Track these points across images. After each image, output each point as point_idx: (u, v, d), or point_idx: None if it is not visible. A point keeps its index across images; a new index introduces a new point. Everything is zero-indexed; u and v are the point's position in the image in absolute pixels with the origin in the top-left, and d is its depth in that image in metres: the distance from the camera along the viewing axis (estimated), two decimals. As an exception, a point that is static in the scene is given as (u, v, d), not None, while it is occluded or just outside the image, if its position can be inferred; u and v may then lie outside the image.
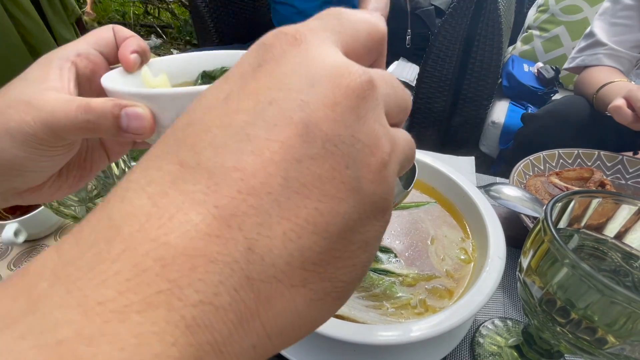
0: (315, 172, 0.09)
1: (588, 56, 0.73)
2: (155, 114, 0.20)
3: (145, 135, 0.20)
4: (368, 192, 0.10)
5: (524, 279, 0.26)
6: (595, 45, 0.72)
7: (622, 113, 0.50)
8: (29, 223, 0.44)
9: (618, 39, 0.69)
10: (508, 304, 0.40)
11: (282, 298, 0.09)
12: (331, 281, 0.10)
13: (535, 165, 0.52)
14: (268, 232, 0.09)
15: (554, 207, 0.24)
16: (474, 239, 0.38)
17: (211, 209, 0.09)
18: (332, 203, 0.10)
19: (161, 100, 0.20)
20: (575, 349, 0.24)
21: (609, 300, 0.20)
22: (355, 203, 0.10)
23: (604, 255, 0.28)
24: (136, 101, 0.20)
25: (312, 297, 0.10)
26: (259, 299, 0.09)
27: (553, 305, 0.24)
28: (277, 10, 1.17)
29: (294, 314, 0.10)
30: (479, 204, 0.38)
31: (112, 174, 0.37)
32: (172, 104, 0.20)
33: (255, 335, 0.09)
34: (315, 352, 0.32)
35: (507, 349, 0.34)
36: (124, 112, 0.19)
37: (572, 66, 0.77)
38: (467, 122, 1.09)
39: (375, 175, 0.10)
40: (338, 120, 0.10)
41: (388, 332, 0.27)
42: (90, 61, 0.22)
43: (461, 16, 0.95)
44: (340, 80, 0.10)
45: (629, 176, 0.51)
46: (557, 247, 0.22)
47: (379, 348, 0.32)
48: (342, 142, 0.10)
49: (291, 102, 0.10)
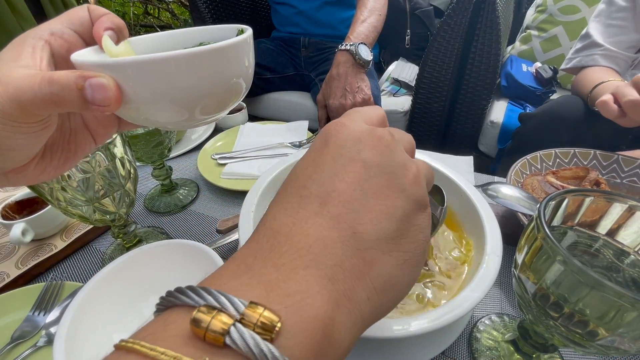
0: (378, 184, 0.17)
1: (584, 57, 0.74)
2: (120, 85, 0.20)
3: (111, 106, 0.19)
4: (411, 191, 0.17)
5: (518, 274, 0.27)
6: (591, 46, 0.73)
7: (608, 108, 0.51)
8: (36, 223, 0.45)
9: (613, 39, 0.70)
10: (505, 300, 0.41)
11: (379, 262, 0.16)
12: (406, 252, 0.16)
13: (532, 165, 0.53)
14: (361, 221, 0.16)
15: (548, 206, 0.25)
16: (471, 237, 0.39)
17: (326, 214, 0.16)
18: (392, 199, 0.16)
19: (122, 69, 0.19)
20: (568, 341, 0.25)
21: (600, 295, 0.21)
22: (405, 198, 0.17)
23: (597, 252, 0.29)
24: (100, 72, 0.19)
25: (396, 262, 0.16)
26: (365, 263, 0.15)
27: (546, 300, 0.25)
28: (277, 10, 1.17)
29: (389, 274, 0.16)
30: (476, 202, 0.39)
31: (118, 174, 0.38)
32: (133, 72, 0.19)
33: (367, 289, 0.15)
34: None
35: (503, 343, 0.35)
36: (88, 83, 0.19)
37: (569, 67, 0.78)
38: (466, 121, 1.10)
39: (412, 181, 0.17)
40: (380, 154, 0.17)
41: (387, 326, 0.28)
42: (65, 40, 0.22)
43: (460, 16, 0.96)
44: (374, 134, 0.18)
45: (624, 175, 0.52)
46: (549, 244, 0.22)
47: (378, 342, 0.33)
48: (387, 166, 0.17)
49: (352, 151, 0.17)
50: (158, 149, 0.50)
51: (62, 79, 0.18)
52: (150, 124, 0.24)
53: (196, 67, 0.20)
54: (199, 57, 0.20)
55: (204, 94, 0.21)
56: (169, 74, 0.20)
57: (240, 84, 0.24)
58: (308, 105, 1.17)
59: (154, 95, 0.20)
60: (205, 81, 0.21)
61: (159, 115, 0.22)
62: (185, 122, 0.23)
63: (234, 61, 0.22)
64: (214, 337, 0.11)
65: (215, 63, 0.21)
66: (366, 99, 0.81)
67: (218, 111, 0.24)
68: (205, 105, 0.22)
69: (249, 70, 0.24)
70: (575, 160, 0.54)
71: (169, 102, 0.21)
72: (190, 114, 0.22)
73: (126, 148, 0.38)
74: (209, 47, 0.20)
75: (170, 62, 0.19)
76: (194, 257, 0.37)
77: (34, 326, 0.37)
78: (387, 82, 1.22)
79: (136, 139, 0.48)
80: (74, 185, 0.34)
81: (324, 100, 0.86)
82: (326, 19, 1.10)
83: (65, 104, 0.19)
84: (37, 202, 0.49)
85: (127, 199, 0.40)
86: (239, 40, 0.22)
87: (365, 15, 0.88)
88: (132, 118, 0.23)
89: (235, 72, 0.23)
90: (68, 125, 0.25)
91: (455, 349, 0.36)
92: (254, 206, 0.39)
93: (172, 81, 0.20)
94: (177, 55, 0.19)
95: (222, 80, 0.22)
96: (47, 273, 0.45)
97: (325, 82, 0.86)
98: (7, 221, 0.44)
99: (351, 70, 0.82)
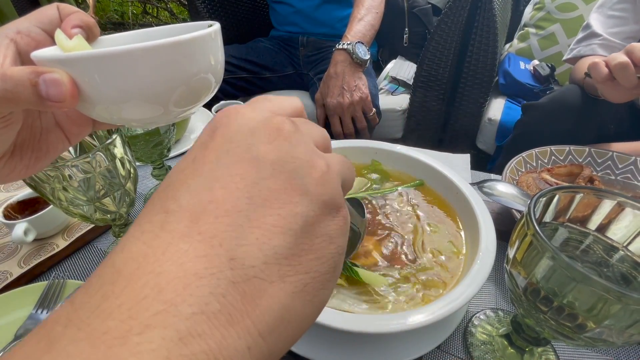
0: (271, 187, 0.12)
1: (584, 47, 0.75)
2: (76, 80, 0.19)
3: (67, 102, 0.19)
4: (316, 193, 0.13)
5: (510, 270, 0.27)
6: (590, 37, 0.74)
7: (598, 68, 0.52)
8: (38, 222, 0.46)
9: (613, 30, 0.71)
10: (499, 296, 0.41)
11: (266, 294, 0.11)
12: (307, 273, 0.12)
13: (527, 162, 0.53)
14: (244, 241, 0.11)
15: (538, 202, 0.26)
16: (466, 233, 0.40)
17: (195, 237, 0.11)
18: (290, 206, 0.12)
19: (73, 64, 0.19)
20: (558, 334, 0.25)
21: (587, 289, 0.22)
22: (308, 203, 0.13)
23: (587, 248, 0.29)
24: (55, 67, 0.19)
25: (293, 289, 0.12)
26: (245, 299, 0.11)
27: (537, 294, 0.25)
28: (275, 9, 1.17)
29: (281, 308, 0.11)
30: (471, 199, 0.39)
31: (118, 174, 0.38)
32: (86, 67, 0.19)
33: (248, 335, 0.10)
34: (312, 342, 0.34)
35: (498, 337, 0.36)
36: (42, 79, 0.18)
37: (570, 57, 0.79)
38: (464, 119, 1.11)
39: (319, 180, 0.13)
40: (277, 149, 0.13)
41: (384, 321, 0.28)
42: (32, 39, 0.22)
43: (457, 15, 0.96)
44: (271, 124, 0.14)
45: (619, 172, 0.53)
46: (539, 240, 0.23)
47: (374, 337, 0.34)
48: (286, 162, 0.13)
49: (241, 147, 0.13)
50: (157, 149, 0.51)
51: (15, 75, 0.18)
52: (117, 122, 0.23)
53: (147, 61, 0.19)
54: (148, 51, 0.19)
55: (163, 89, 0.21)
56: (118, 68, 0.19)
57: (202, 80, 0.23)
58: (307, 104, 1.18)
59: (108, 90, 0.20)
60: (161, 76, 0.20)
61: (120, 111, 0.21)
62: (150, 119, 0.22)
63: (192, 56, 0.21)
64: None
65: (169, 57, 0.20)
66: (363, 98, 0.82)
67: (185, 105, 0.23)
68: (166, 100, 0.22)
69: (212, 65, 0.23)
70: (570, 157, 0.55)
71: (124, 97, 0.20)
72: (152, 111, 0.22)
73: (126, 148, 0.39)
74: (157, 42, 0.19)
75: (118, 57, 0.19)
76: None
77: (37, 324, 0.38)
78: (385, 81, 1.22)
79: (136, 139, 0.48)
80: (75, 185, 0.35)
81: (322, 99, 0.87)
82: (324, 17, 1.10)
83: (20, 101, 0.19)
84: (38, 202, 0.49)
85: (127, 199, 0.41)
86: (197, 35, 0.21)
87: (362, 13, 0.88)
88: (99, 116, 0.22)
89: (195, 67, 0.22)
90: (39, 124, 0.25)
91: (451, 343, 0.37)
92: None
93: (123, 76, 0.19)
94: (123, 50, 0.19)
95: (178, 75, 0.21)
96: (49, 272, 0.46)
97: (323, 81, 0.86)
98: (9, 221, 0.45)
99: (348, 69, 0.82)
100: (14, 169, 0.24)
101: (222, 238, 0.11)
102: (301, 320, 0.12)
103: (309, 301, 0.12)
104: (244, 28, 1.34)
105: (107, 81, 0.20)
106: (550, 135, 0.60)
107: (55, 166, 0.32)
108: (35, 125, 0.24)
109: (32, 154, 0.24)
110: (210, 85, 0.24)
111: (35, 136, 0.25)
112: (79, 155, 0.35)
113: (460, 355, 0.36)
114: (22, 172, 0.24)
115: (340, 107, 0.82)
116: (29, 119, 0.24)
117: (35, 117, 0.24)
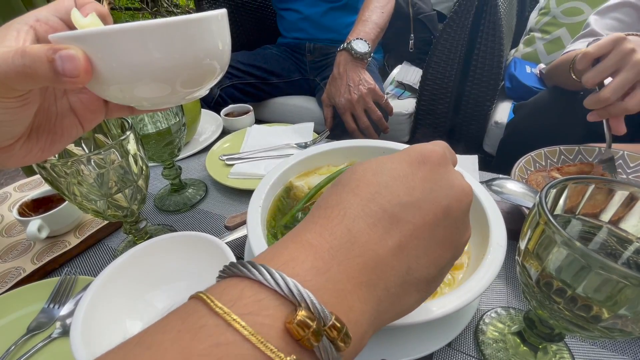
0: (444, 234, 0.19)
1: (580, 44, 0.74)
2: (90, 56, 0.20)
3: (81, 78, 0.20)
4: (460, 250, 0.21)
5: (522, 262, 0.27)
6: (588, 35, 0.73)
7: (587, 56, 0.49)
8: (52, 219, 0.46)
9: (611, 31, 0.71)
10: (511, 294, 0.41)
11: (409, 296, 0.19)
12: (427, 292, 0.20)
13: (536, 161, 0.53)
14: (420, 261, 0.18)
15: (549, 192, 0.26)
16: (476, 228, 0.39)
17: (395, 237, 0.18)
18: (445, 252, 0.19)
19: (87, 39, 0.20)
20: (573, 326, 0.25)
21: (603, 277, 0.21)
22: (453, 253, 0.20)
23: (600, 240, 0.29)
24: (70, 44, 0.20)
25: (418, 298, 0.19)
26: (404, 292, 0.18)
27: (550, 287, 0.25)
28: (282, 16, 1.20)
29: (407, 305, 0.19)
30: (481, 196, 0.39)
31: (131, 171, 0.39)
32: (99, 42, 0.20)
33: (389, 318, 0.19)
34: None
35: (509, 335, 0.35)
36: (58, 55, 0.19)
37: (564, 53, 0.78)
38: (470, 123, 1.10)
39: (465, 241, 0.21)
40: (462, 211, 0.20)
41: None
42: (50, 26, 0.23)
43: (462, 20, 0.97)
44: (466, 193, 0.20)
45: (630, 171, 0.52)
46: (551, 227, 0.23)
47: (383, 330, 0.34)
48: (461, 224, 0.20)
49: (442, 193, 0.19)
50: (168, 148, 0.52)
51: (34, 51, 0.19)
52: (128, 101, 0.24)
53: (158, 37, 0.21)
54: (159, 27, 0.20)
55: (171, 65, 0.22)
56: (129, 43, 0.20)
57: (210, 64, 0.24)
58: (313, 109, 1.19)
59: (119, 66, 0.21)
60: (170, 53, 0.21)
61: (131, 89, 0.22)
62: (159, 99, 0.24)
63: (201, 35, 0.22)
64: (309, 343, 0.13)
65: (178, 35, 0.21)
66: (371, 89, 0.81)
67: (191, 87, 0.24)
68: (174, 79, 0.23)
69: (219, 45, 0.24)
70: (580, 157, 0.54)
71: (135, 73, 0.21)
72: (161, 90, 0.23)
73: (139, 145, 0.40)
74: (169, 20, 0.21)
75: (130, 32, 0.20)
76: (203, 249, 0.38)
77: (49, 318, 0.39)
78: (391, 86, 1.23)
79: (147, 138, 0.49)
80: (90, 181, 0.36)
81: (329, 100, 0.87)
82: (331, 23, 1.12)
83: (37, 77, 0.20)
84: (52, 201, 0.50)
85: (139, 195, 0.42)
86: (206, 15, 0.22)
87: (366, 15, 0.89)
88: (110, 95, 0.23)
89: (203, 46, 0.23)
90: (54, 109, 0.26)
91: (462, 341, 0.36)
92: (262, 201, 0.40)
93: (135, 51, 0.20)
94: (135, 26, 0.20)
95: (186, 52, 0.22)
96: (61, 268, 0.47)
97: (328, 83, 0.87)
98: (24, 218, 0.46)
99: (350, 66, 0.82)
100: (30, 150, 0.25)
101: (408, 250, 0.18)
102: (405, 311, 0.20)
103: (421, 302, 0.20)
104: (252, 36, 1.37)
105: (119, 56, 0.21)
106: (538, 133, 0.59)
107: (72, 161, 0.33)
108: (51, 110, 0.26)
109: (47, 137, 0.26)
110: (215, 68, 0.25)
111: (51, 120, 0.26)
112: (94, 151, 0.36)
113: (471, 353, 0.35)
114: (37, 155, 0.25)
115: (350, 103, 0.82)
116: (45, 102, 0.25)
117: (51, 101, 0.26)
